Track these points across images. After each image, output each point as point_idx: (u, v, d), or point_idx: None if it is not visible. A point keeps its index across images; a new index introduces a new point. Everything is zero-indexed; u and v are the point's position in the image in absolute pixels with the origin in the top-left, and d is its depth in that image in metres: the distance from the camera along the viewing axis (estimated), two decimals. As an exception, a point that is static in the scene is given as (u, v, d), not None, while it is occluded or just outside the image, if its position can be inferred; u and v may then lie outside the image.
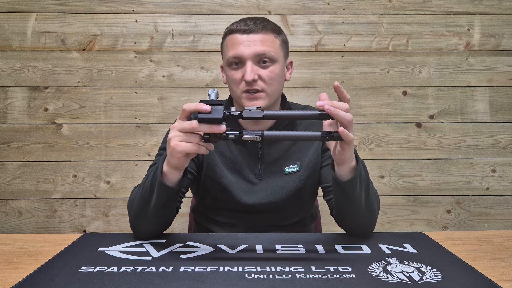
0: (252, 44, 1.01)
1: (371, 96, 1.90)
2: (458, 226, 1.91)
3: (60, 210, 1.86)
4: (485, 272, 0.75)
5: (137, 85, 1.87)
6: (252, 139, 0.79)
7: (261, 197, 1.08)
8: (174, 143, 0.79)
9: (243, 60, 1.02)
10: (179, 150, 0.79)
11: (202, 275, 0.73)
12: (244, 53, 1.01)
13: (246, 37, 1.01)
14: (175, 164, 0.83)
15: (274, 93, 1.05)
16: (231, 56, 1.02)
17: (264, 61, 1.02)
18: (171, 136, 0.80)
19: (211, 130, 0.77)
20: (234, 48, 1.02)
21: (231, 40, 1.03)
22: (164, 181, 0.86)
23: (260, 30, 1.02)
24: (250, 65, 1.00)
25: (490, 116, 1.90)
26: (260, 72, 1.02)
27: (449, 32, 1.90)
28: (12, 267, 0.81)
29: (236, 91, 1.05)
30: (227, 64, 1.05)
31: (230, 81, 1.06)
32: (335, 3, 1.89)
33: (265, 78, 1.02)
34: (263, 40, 1.01)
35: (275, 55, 1.03)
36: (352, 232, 0.99)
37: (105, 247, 0.89)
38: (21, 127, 1.85)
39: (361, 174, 0.89)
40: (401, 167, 1.90)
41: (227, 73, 1.07)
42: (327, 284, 0.70)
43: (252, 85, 1.01)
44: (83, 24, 1.86)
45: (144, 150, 1.87)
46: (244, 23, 1.02)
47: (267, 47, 1.01)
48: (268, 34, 1.03)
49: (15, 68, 1.84)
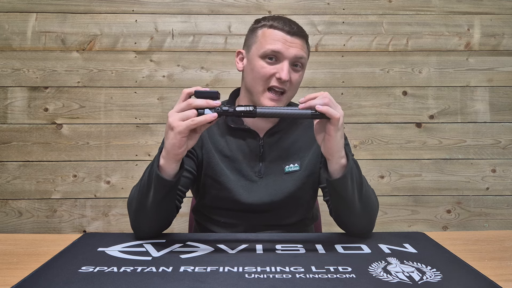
0: (294, 46, 1.03)
1: (371, 96, 1.90)
2: (458, 226, 1.91)
3: (60, 210, 1.86)
4: (485, 272, 0.75)
5: (137, 85, 1.87)
6: (245, 111, 0.83)
7: (261, 196, 1.08)
8: (175, 123, 0.82)
9: (281, 58, 1.02)
10: (181, 129, 0.81)
11: (202, 275, 0.73)
12: (285, 52, 1.02)
13: (290, 38, 1.03)
14: (177, 148, 0.83)
15: (292, 97, 1.09)
16: (271, 50, 1.02)
17: (296, 65, 1.05)
18: (170, 120, 0.83)
19: (208, 103, 0.81)
20: (276, 43, 1.02)
21: (272, 34, 1.03)
22: (161, 174, 0.87)
23: (302, 36, 1.05)
24: (287, 65, 1.02)
25: (490, 116, 1.90)
26: (291, 74, 1.03)
27: (449, 32, 1.90)
28: (12, 267, 0.81)
29: (259, 84, 1.03)
30: (262, 55, 1.03)
31: (256, 73, 1.04)
32: (335, 3, 1.89)
33: (293, 82, 1.04)
34: (302, 46, 1.04)
35: (305, 62, 1.07)
36: (350, 232, 1.00)
37: (105, 247, 0.89)
38: (21, 127, 1.85)
39: (352, 172, 0.90)
40: (401, 167, 1.90)
41: (256, 63, 1.04)
42: (327, 284, 0.70)
43: (283, 84, 1.03)
44: (83, 24, 1.86)
45: (144, 150, 1.87)
46: (289, 25, 1.04)
47: (303, 53, 1.05)
48: (304, 41, 1.06)
49: (15, 68, 1.84)
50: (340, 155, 0.89)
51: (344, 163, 0.90)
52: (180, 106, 0.82)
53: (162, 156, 0.87)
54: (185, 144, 0.84)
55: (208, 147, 1.10)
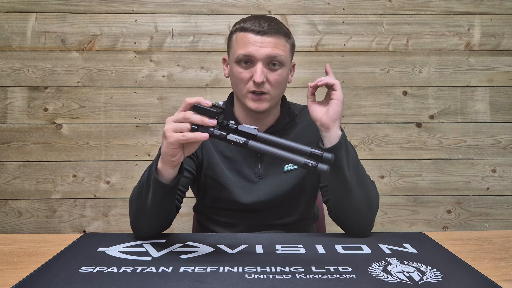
0: (265, 46, 1.00)
1: (371, 96, 1.90)
2: (458, 226, 1.91)
3: (60, 210, 1.86)
4: (485, 272, 0.75)
5: (137, 85, 1.87)
6: (236, 142, 0.78)
7: (261, 196, 1.08)
8: (168, 134, 0.80)
9: (254, 60, 1.02)
10: (171, 141, 0.79)
11: (202, 275, 0.73)
12: (256, 54, 1.00)
13: (260, 38, 1.01)
14: (170, 156, 0.82)
15: (277, 96, 1.06)
16: (242, 54, 1.02)
17: (274, 64, 1.02)
18: (165, 127, 0.81)
19: (203, 121, 0.77)
20: (246, 47, 1.01)
21: (243, 38, 1.03)
22: (159, 178, 0.86)
23: (274, 33, 1.02)
24: (260, 67, 1.00)
25: (490, 116, 1.90)
26: (268, 75, 1.02)
27: (449, 32, 1.90)
28: (12, 267, 0.81)
29: (241, 90, 1.05)
30: (236, 60, 1.04)
31: (236, 79, 1.05)
32: (335, 3, 1.89)
33: (272, 81, 1.02)
34: (275, 44, 1.01)
35: (285, 59, 1.03)
36: (350, 229, 0.99)
37: (105, 247, 0.89)
38: (21, 127, 1.85)
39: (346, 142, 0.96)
40: (401, 167, 1.90)
41: (233, 69, 1.05)
42: (327, 284, 0.70)
43: (259, 87, 1.01)
44: (83, 24, 1.85)
45: (144, 150, 1.87)
46: (259, 24, 1.02)
47: (279, 51, 1.01)
48: (280, 37, 1.03)
49: (15, 68, 1.84)
50: (339, 123, 0.95)
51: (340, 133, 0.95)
52: (177, 117, 0.80)
53: (161, 161, 0.86)
54: (178, 154, 0.81)
55: (208, 147, 1.10)
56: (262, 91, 1.02)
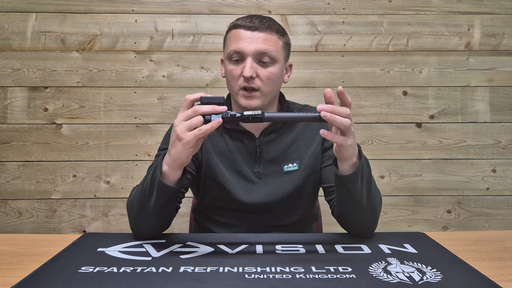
0: (255, 42, 1.01)
1: (371, 96, 1.90)
2: (458, 226, 1.91)
3: (60, 210, 1.86)
4: (485, 272, 0.75)
5: (137, 85, 1.87)
6: (254, 115, 0.81)
7: (261, 196, 1.08)
8: (182, 135, 0.79)
9: (244, 56, 1.02)
10: (188, 140, 0.79)
11: (202, 275, 0.73)
12: (245, 49, 1.01)
13: (250, 33, 1.01)
14: (184, 158, 0.82)
15: (270, 93, 1.05)
16: (233, 50, 1.02)
17: (265, 60, 1.02)
18: (177, 130, 0.80)
19: (214, 109, 0.79)
20: (236, 42, 1.02)
21: (234, 34, 1.04)
22: (164, 181, 0.86)
23: (265, 29, 1.02)
24: (250, 62, 1.00)
25: (490, 116, 1.90)
26: (258, 70, 1.02)
27: (449, 32, 1.90)
28: (12, 267, 0.80)
29: (233, 87, 1.05)
30: (228, 57, 1.05)
31: (228, 75, 1.06)
32: (335, 3, 1.89)
33: (262, 78, 1.02)
34: (266, 39, 1.01)
35: (276, 56, 1.03)
36: (353, 232, 0.99)
37: (105, 247, 0.89)
38: (21, 127, 1.85)
39: (363, 170, 0.88)
40: (401, 167, 1.90)
41: (226, 67, 1.06)
42: (327, 284, 0.70)
43: (249, 82, 1.01)
44: (83, 24, 1.85)
45: (144, 150, 1.87)
46: (250, 20, 1.03)
47: (269, 46, 1.01)
48: (272, 34, 1.03)
49: (15, 68, 1.84)
50: (351, 158, 0.86)
51: (355, 161, 0.87)
52: (186, 114, 0.80)
53: (166, 163, 0.86)
54: (194, 151, 0.82)
55: (207, 148, 1.10)
56: (252, 87, 1.02)
